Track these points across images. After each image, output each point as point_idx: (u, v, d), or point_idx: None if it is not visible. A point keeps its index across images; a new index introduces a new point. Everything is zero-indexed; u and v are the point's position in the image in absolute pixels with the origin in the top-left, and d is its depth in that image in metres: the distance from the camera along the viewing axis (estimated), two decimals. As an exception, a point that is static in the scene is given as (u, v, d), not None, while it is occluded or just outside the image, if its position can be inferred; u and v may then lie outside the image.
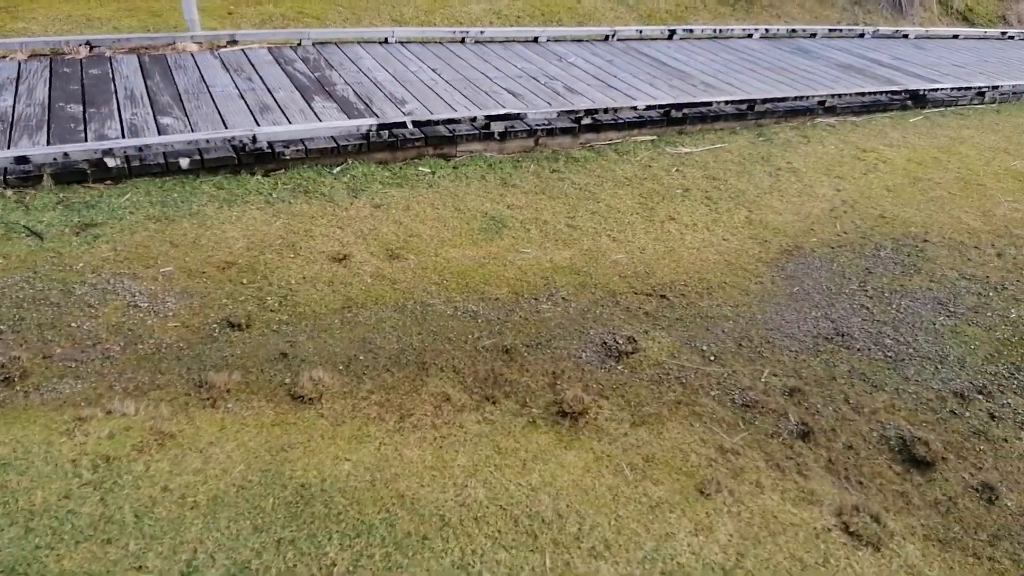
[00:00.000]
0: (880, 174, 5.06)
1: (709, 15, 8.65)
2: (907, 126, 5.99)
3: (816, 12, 9.28)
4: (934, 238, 4.31)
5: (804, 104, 5.84)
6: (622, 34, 7.11)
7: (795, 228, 4.25)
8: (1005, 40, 9.46)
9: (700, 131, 5.44)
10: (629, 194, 4.42)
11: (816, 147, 5.41)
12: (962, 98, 6.56)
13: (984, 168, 5.31)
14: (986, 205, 4.76)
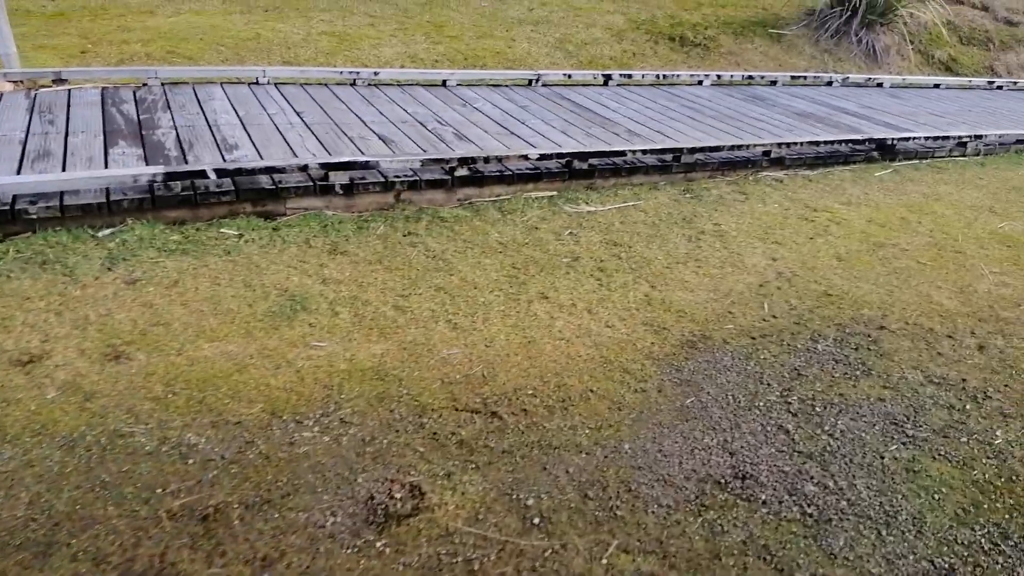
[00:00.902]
0: (831, 239, 4.07)
1: (660, 62, 7.83)
2: (871, 181, 5.03)
3: (781, 60, 8.48)
4: (894, 323, 3.28)
5: (745, 155, 4.90)
6: (548, 78, 6.25)
7: (708, 310, 3.23)
8: (992, 90, 8.62)
9: (613, 186, 4.48)
10: (497, 265, 3.42)
11: (755, 205, 4.44)
12: (939, 149, 5.62)
13: (964, 231, 4.32)
14: (965, 279, 3.75)
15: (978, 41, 10.29)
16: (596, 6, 8.72)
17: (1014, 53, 10.43)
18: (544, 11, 8.32)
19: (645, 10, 8.80)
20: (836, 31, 8.81)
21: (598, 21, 8.28)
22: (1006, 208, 4.70)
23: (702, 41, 8.37)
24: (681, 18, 8.74)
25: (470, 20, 7.76)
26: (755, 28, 8.87)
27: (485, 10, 8.13)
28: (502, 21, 7.87)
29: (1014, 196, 4.92)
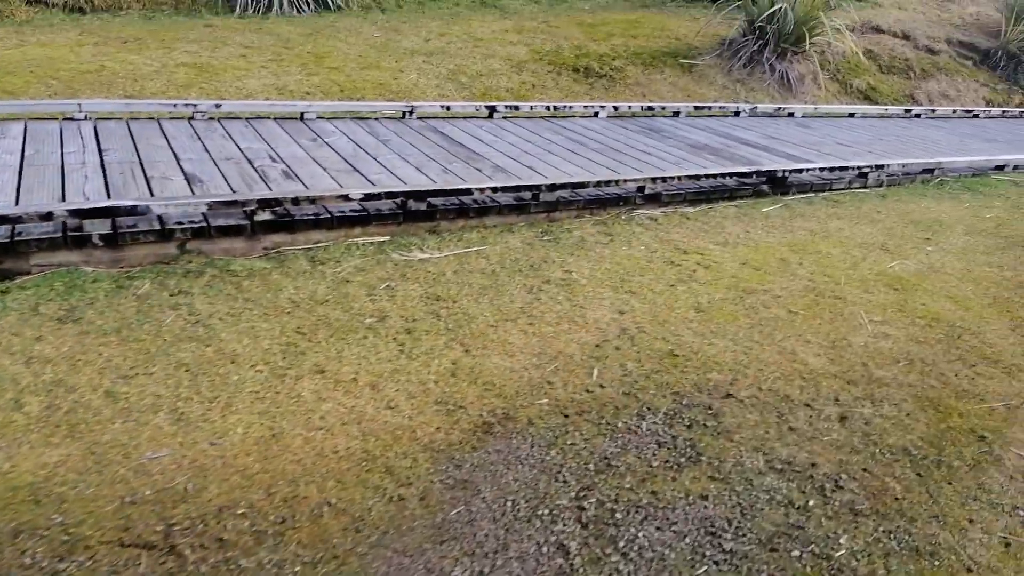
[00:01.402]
0: (695, 286, 3.57)
1: (560, 94, 7.42)
2: (756, 218, 4.58)
3: (690, 91, 8.14)
4: (744, 390, 2.76)
5: (616, 191, 4.43)
6: (423, 110, 5.75)
7: (523, 381, 2.69)
8: (910, 118, 8.39)
9: (462, 228, 3.95)
10: (276, 330, 2.84)
11: (618, 248, 3.94)
12: (837, 181, 5.23)
13: (849, 272, 3.86)
14: (840, 330, 3.27)
15: (898, 69, 10.13)
16: (499, 37, 8.32)
17: (935, 81, 10.30)
18: (442, 42, 7.88)
19: (551, 41, 8.42)
20: (749, 60, 8.52)
21: (499, 52, 7.87)
22: (900, 245, 4.28)
23: (608, 72, 7.99)
24: (588, 49, 8.37)
25: (357, 51, 7.28)
26: (665, 58, 8.55)
27: (377, 40, 7.65)
28: (393, 52, 7.40)
29: (911, 231, 4.51)
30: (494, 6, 9.86)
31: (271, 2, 8.18)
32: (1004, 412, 2.76)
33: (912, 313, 3.46)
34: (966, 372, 3.01)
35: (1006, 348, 3.21)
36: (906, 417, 2.69)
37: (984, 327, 3.38)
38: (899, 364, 3.03)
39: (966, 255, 4.16)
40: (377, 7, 9.07)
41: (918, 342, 3.22)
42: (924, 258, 4.09)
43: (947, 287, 3.75)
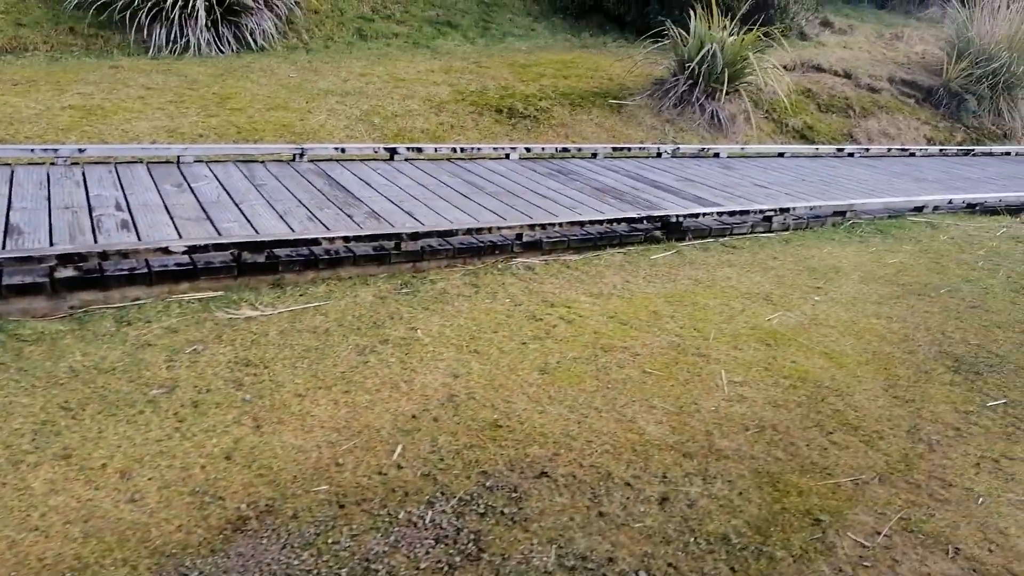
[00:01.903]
0: (549, 344, 3.29)
1: (479, 135, 7.22)
2: (641, 266, 4.33)
3: (617, 132, 7.98)
4: (562, 467, 2.47)
5: (491, 239, 4.17)
6: (316, 153, 5.51)
7: (307, 463, 2.38)
8: (843, 157, 8.26)
9: (311, 281, 3.66)
10: (35, 406, 2.51)
11: (480, 302, 3.67)
12: (739, 225, 5.01)
13: (722, 327, 3.60)
14: (693, 393, 3.00)
15: (838, 108, 10.07)
16: (423, 77, 8.15)
17: (875, 119, 10.25)
18: (361, 82, 7.70)
19: (477, 81, 8.27)
20: (680, 100, 8.40)
21: (420, 92, 7.69)
22: (787, 295, 4.03)
23: (533, 113, 7.82)
24: (515, 89, 8.22)
25: (268, 91, 7.06)
26: (595, 99, 8.41)
27: (291, 81, 7.45)
28: (306, 92, 7.20)
29: (803, 279, 4.28)
30: (427, 47, 9.75)
31: (188, 43, 7.99)
32: (850, 489, 2.48)
33: (778, 372, 3.20)
34: (820, 441, 2.73)
35: (873, 412, 2.95)
36: (737, 497, 2.40)
37: (855, 387, 3.12)
38: (747, 432, 2.75)
39: (855, 305, 3.92)
40: (303, 48, 8.91)
41: (776, 406, 2.95)
42: (809, 309, 3.84)
43: (825, 342, 3.50)
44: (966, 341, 3.56)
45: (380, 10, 10.45)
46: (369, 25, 9.98)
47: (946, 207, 5.94)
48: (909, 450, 2.72)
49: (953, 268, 4.51)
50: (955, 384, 3.19)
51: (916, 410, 2.98)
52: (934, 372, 3.29)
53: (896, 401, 3.05)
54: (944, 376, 3.26)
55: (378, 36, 9.81)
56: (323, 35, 9.39)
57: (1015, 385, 3.19)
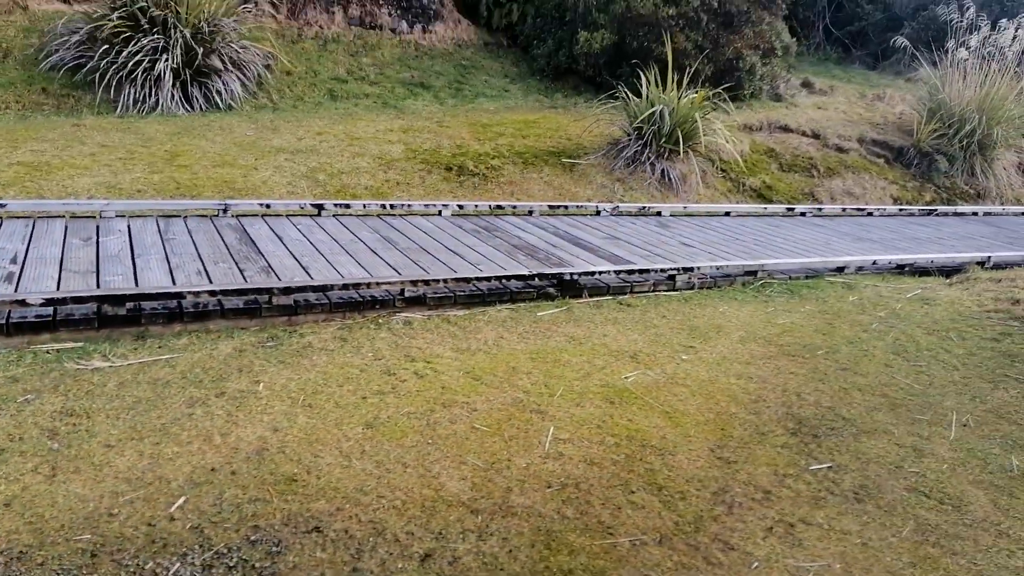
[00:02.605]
0: (390, 399, 3.33)
1: (423, 191, 7.40)
2: (526, 322, 4.38)
3: (565, 190, 8.12)
4: (340, 522, 2.49)
5: (372, 294, 4.27)
6: (240, 209, 5.70)
7: (79, 513, 2.43)
8: (792, 216, 8.28)
9: (177, 333, 3.77)
10: None
11: (340, 356, 3.73)
12: (640, 284, 5.05)
13: (574, 384, 3.61)
14: (513, 449, 3.01)
15: (801, 168, 10.15)
16: (380, 136, 8.41)
17: (839, 179, 10.29)
18: (315, 140, 7.97)
19: (433, 140, 8.51)
20: (632, 160, 8.54)
21: (372, 150, 7.93)
22: (656, 353, 4.04)
23: (482, 171, 8.02)
24: (470, 148, 8.44)
25: (220, 149, 7.34)
26: (548, 158, 8.59)
27: (246, 139, 7.75)
28: (258, 150, 7.47)
29: (681, 338, 4.28)
30: (395, 107, 10.08)
31: (156, 102, 8.37)
32: (624, 550, 2.47)
33: (609, 430, 3.20)
34: (618, 500, 2.72)
35: (687, 472, 2.93)
36: (505, 554, 2.40)
37: (681, 447, 3.11)
38: (548, 490, 2.76)
39: (720, 365, 3.91)
40: (271, 107, 9.27)
41: (591, 463, 2.95)
42: (672, 368, 3.85)
43: (672, 401, 3.49)
44: (818, 403, 3.53)
45: (355, 72, 10.85)
46: (342, 86, 10.36)
47: (871, 268, 5.92)
48: (706, 512, 2.70)
49: (843, 329, 4.48)
50: (787, 447, 3.17)
51: (733, 472, 2.96)
52: (771, 434, 3.26)
53: (717, 462, 3.03)
54: (779, 438, 3.23)
55: (349, 96, 10.18)
56: (294, 95, 9.77)
57: (848, 449, 3.15)
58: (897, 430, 3.31)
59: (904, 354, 4.11)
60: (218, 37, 8.76)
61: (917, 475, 2.98)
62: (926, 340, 4.30)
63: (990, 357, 4.05)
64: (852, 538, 2.60)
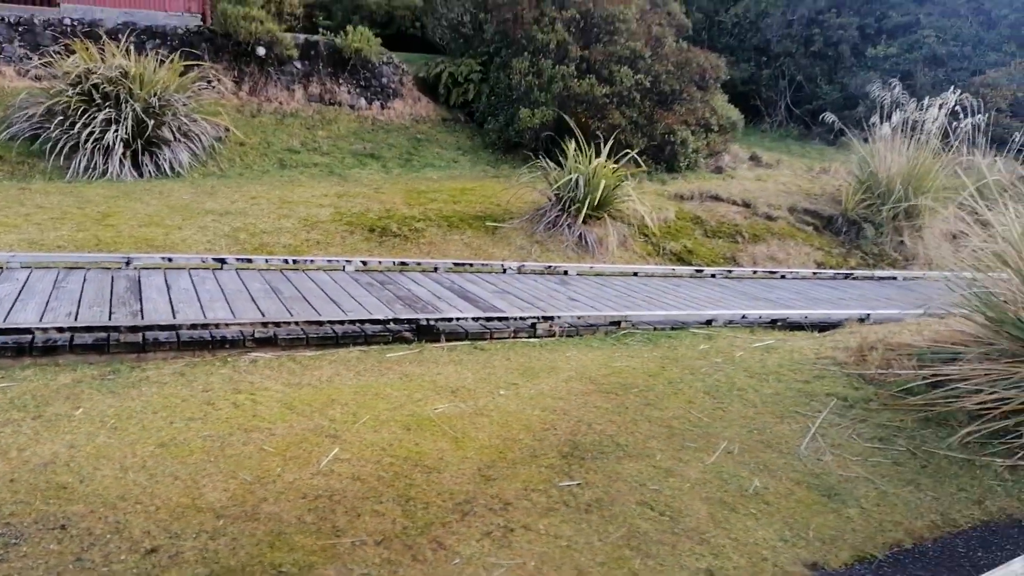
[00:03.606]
0: (196, 424, 3.60)
1: (340, 250, 7.81)
2: (371, 363, 4.66)
3: (483, 250, 8.52)
4: (84, 523, 2.74)
5: (223, 334, 4.60)
6: (143, 262, 6.11)
7: None
8: (701, 277, 8.61)
9: (26, 365, 4.09)
10: None
11: (171, 388, 4.01)
12: (499, 330, 5.35)
13: (382, 413, 3.87)
14: (288, 467, 3.26)
15: (726, 234, 10.54)
16: (313, 200, 8.91)
17: (764, 244, 10.66)
18: (248, 204, 8.46)
19: (364, 204, 8.99)
20: (552, 224, 8.97)
21: (300, 213, 8.40)
22: (478, 389, 4.29)
23: (405, 232, 8.45)
24: (398, 212, 8.91)
25: (152, 211, 7.83)
26: (473, 221, 9.04)
27: (181, 202, 8.25)
28: (189, 212, 7.95)
29: (512, 376, 4.54)
30: (340, 175, 10.65)
31: (107, 169, 8.94)
32: (342, 549, 2.70)
33: (392, 452, 3.45)
34: (363, 509, 2.96)
35: (444, 487, 3.17)
36: (227, 551, 2.65)
37: (451, 467, 3.35)
38: (303, 500, 3.00)
39: (534, 399, 4.17)
40: (218, 174, 9.84)
41: (356, 479, 3.19)
42: (485, 402, 4.11)
43: (468, 428, 3.74)
44: (603, 432, 3.77)
45: (309, 144, 11.50)
46: (293, 156, 10.98)
47: (740, 321, 6.20)
48: (439, 520, 2.93)
49: (672, 372, 4.74)
50: (551, 467, 3.40)
51: (488, 487, 3.19)
52: (543, 456, 3.50)
53: (479, 479, 3.27)
54: (548, 460, 3.46)
55: (298, 165, 10.77)
56: (244, 164, 10.37)
57: (605, 470, 3.37)
58: (662, 455, 3.54)
59: (714, 393, 4.35)
60: (168, 111, 9.42)
61: (655, 492, 3.20)
62: (744, 381, 4.55)
63: (791, 396, 4.29)
64: (560, 541, 2.82)
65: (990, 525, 3.03)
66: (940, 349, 4.44)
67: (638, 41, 11.64)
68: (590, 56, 11.71)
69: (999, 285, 4.06)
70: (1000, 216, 4.45)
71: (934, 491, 3.27)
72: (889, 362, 4.51)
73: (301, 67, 12.37)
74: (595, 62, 11.64)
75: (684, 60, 11.85)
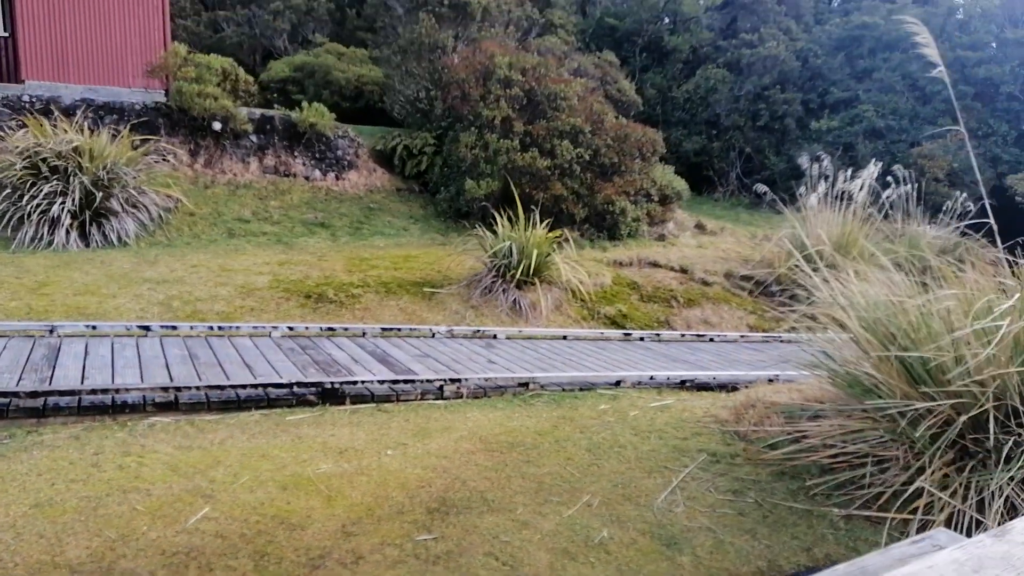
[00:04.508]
0: (77, 485, 3.73)
1: (275, 316, 8.02)
2: (268, 426, 4.82)
3: (417, 315, 8.77)
4: (-63, 578, 2.87)
5: (124, 398, 4.76)
6: (67, 330, 6.28)
7: None
8: (630, 341, 8.88)
9: (-78, 431, 4.23)
10: None
11: (61, 452, 4.15)
12: (406, 393, 5.54)
13: (264, 473, 4.01)
14: (156, 524, 3.39)
15: (661, 299, 10.89)
16: (252, 268, 9.15)
17: (699, 308, 11.01)
18: (187, 272, 8.68)
19: (304, 272, 9.25)
20: (488, 290, 9.27)
21: (238, 280, 8.63)
22: (366, 449, 4.46)
23: (341, 299, 8.69)
24: (336, 279, 9.17)
25: (90, 279, 8.03)
26: (411, 287, 9.31)
27: (120, 271, 8.46)
28: (127, 281, 8.15)
29: (404, 436, 4.72)
30: (287, 244, 10.94)
31: (52, 240, 9.16)
32: (180, 601, 2.82)
33: (262, 511, 3.58)
34: (216, 564, 3.10)
35: (304, 543, 3.31)
36: (68, 605, 2.76)
37: (317, 524, 3.49)
38: (161, 556, 3.13)
39: (418, 458, 4.34)
40: (165, 244, 10.10)
41: (219, 536, 3.33)
42: (369, 461, 4.27)
43: (344, 487, 3.89)
44: (474, 489, 3.94)
45: (260, 213, 11.82)
46: (243, 226, 11.28)
47: (648, 382, 6.44)
48: (289, 573, 3.07)
49: (564, 431, 4.93)
50: (414, 522, 3.55)
51: (346, 542, 3.34)
52: (409, 512, 3.65)
53: (341, 534, 3.41)
54: (414, 516, 3.62)
55: (247, 234, 11.06)
56: (192, 234, 10.64)
57: (464, 524, 3.54)
58: (524, 509, 3.71)
59: (595, 450, 4.55)
60: (117, 184, 9.73)
61: (504, 543, 3.36)
62: (627, 439, 4.76)
63: (665, 452, 4.49)
64: (396, 592, 2.97)
65: (812, 570, 3.22)
66: (808, 406, 4.70)
67: (578, 117, 12.25)
68: (533, 131, 12.28)
69: (843, 347, 4.36)
70: (865, 282, 4.78)
71: (768, 539, 3.46)
72: (763, 419, 4.75)
73: (256, 140, 12.81)
74: (538, 136, 12.20)
75: (623, 135, 12.46)
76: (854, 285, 4.42)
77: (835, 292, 4.47)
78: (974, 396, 3.40)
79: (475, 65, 12.45)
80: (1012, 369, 3.30)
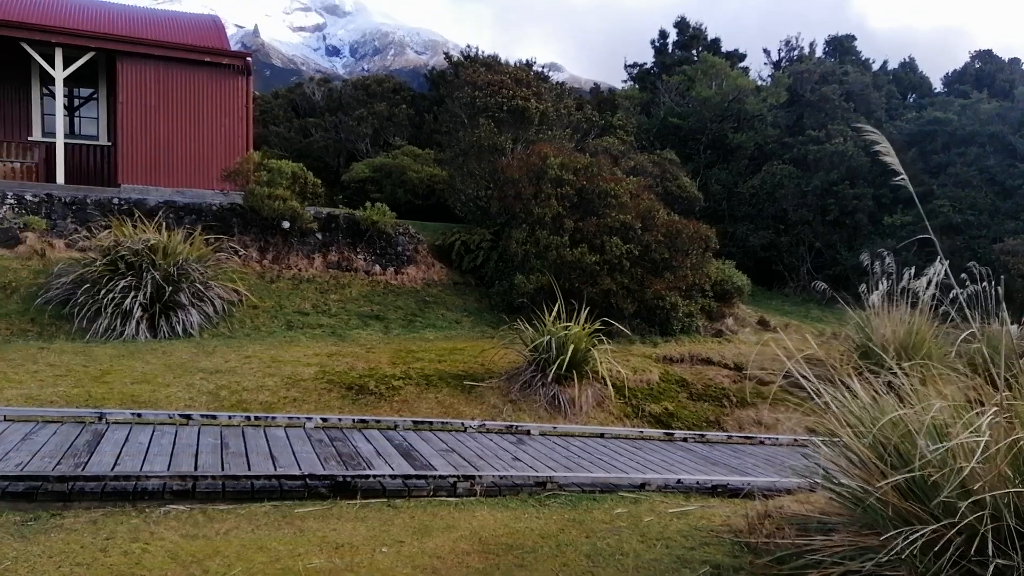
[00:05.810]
0: (81, 570, 3.89)
1: (315, 407, 8.24)
2: (275, 516, 4.90)
3: (454, 408, 8.83)
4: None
5: (144, 485, 4.96)
6: (114, 417, 6.66)
7: None
8: (671, 441, 8.59)
9: (-43, 510, 4.53)
10: None
11: (74, 536, 4.34)
12: (419, 489, 5.54)
13: (257, 567, 4.05)
14: (138, 613, 3.49)
15: (712, 397, 10.58)
16: (302, 360, 9.50)
17: (753, 409, 10.60)
18: (240, 363, 9.10)
19: (349, 363, 9.53)
20: (528, 384, 9.27)
21: (286, 371, 8.97)
22: (362, 546, 4.45)
23: (381, 391, 8.87)
24: (380, 371, 9.39)
25: (150, 369, 8.53)
26: (452, 380, 9.42)
27: (179, 361, 8.95)
28: (184, 370, 8.61)
29: (403, 535, 4.69)
30: (341, 336, 11.33)
31: (124, 331, 9.84)
32: None
33: (239, 604, 3.64)
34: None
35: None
36: None
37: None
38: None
39: (412, 557, 4.28)
40: (226, 335, 10.65)
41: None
42: (363, 558, 4.25)
43: None
44: (458, 592, 3.87)
45: (320, 306, 12.35)
46: (302, 318, 11.79)
47: (675, 486, 6.20)
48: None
49: (569, 535, 4.79)
50: (385, 625, 3.51)
51: (310, 642, 3.33)
52: (384, 615, 3.62)
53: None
54: (387, 618, 3.58)
55: (304, 327, 11.55)
56: (253, 326, 11.20)
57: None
58: (500, 617, 3.60)
59: (595, 556, 4.39)
60: (185, 279, 10.44)
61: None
62: (633, 546, 4.57)
63: (667, 562, 4.28)
64: None
65: None
66: (823, 519, 4.42)
67: (629, 214, 12.42)
68: (584, 227, 12.50)
69: (838, 459, 4.14)
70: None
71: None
72: (776, 530, 4.49)
73: (321, 237, 13.56)
74: (588, 232, 12.40)
75: (675, 231, 12.51)
76: (862, 396, 4.24)
77: (837, 402, 4.30)
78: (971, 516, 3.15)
79: (528, 166, 12.93)
80: (1011, 490, 3.05)
